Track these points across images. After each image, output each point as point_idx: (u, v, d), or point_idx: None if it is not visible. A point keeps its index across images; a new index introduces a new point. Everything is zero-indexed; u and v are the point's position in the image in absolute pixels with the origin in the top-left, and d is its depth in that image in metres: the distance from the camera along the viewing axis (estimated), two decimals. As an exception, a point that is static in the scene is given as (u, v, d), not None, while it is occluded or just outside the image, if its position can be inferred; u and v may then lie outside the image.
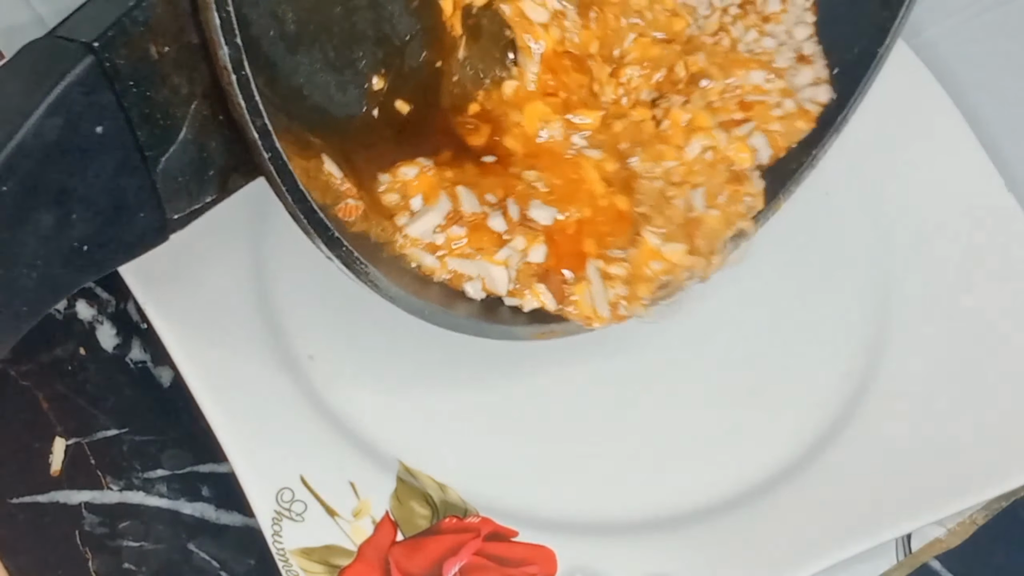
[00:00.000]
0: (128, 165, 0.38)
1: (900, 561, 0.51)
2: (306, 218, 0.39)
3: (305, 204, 0.39)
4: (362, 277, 0.42)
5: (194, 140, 0.39)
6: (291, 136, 0.40)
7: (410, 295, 0.43)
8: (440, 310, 0.44)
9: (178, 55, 0.37)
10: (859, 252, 0.56)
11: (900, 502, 0.48)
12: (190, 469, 0.51)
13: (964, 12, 0.65)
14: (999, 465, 0.49)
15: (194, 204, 0.41)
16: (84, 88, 0.36)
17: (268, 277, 0.52)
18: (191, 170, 0.40)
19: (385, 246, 0.44)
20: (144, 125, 0.38)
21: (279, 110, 0.39)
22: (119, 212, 0.38)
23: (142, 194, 0.39)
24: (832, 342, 0.54)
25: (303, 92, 0.41)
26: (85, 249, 0.38)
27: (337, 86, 0.42)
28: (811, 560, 0.47)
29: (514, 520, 0.48)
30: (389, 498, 0.47)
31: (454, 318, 0.45)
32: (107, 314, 0.54)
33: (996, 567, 0.51)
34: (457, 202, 0.45)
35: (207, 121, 0.39)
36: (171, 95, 0.38)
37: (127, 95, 0.37)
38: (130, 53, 0.36)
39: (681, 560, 0.47)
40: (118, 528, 0.49)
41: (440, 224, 0.45)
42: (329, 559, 0.45)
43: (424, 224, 0.44)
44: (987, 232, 0.55)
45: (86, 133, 0.36)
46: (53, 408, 0.51)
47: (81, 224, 0.37)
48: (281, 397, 0.49)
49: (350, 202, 0.43)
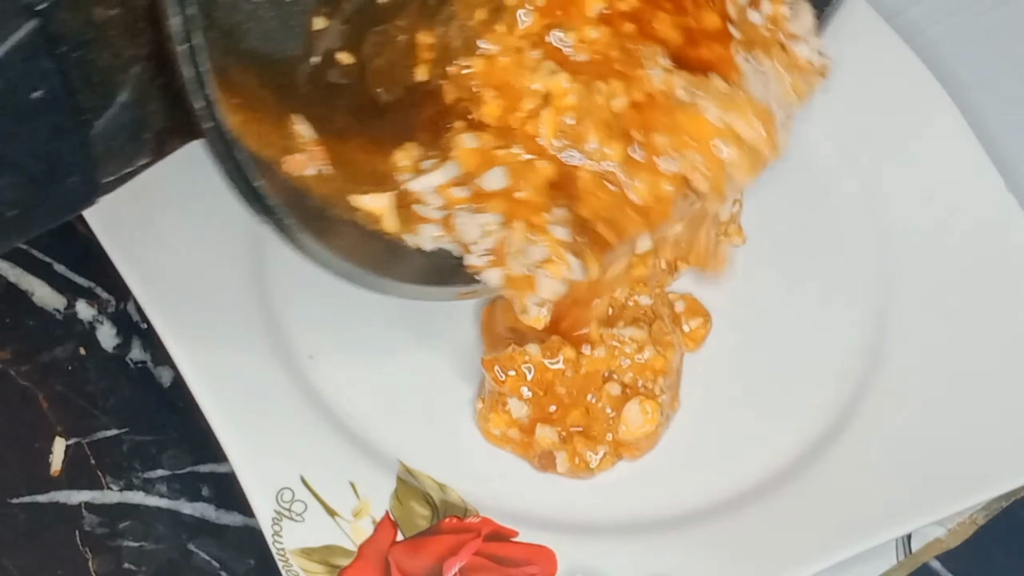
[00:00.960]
0: (62, 129, 0.36)
1: (900, 561, 0.51)
2: (243, 192, 0.39)
3: (243, 180, 0.38)
4: (294, 244, 0.41)
5: (133, 103, 0.37)
6: (237, 95, 0.39)
7: (343, 260, 0.42)
8: (367, 274, 0.43)
9: (123, 17, 0.36)
10: (859, 252, 0.56)
11: (900, 502, 0.48)
12: (190, 469, 0.51)
13: (964, 12, 0.65)
14: (999, 465, 0.49)
15: (127, 167, 0.39)
16: (23, 53, 0.34)
17: (268, 277, 0.52)
18: (127, 133, 0.38)
19: (332, 208, 0.43)
20: (83, 89, 0.36)
21: (225, 53, 0.38)
22: (49, 177, 0.37)
23: (74, 158, 0.37)
24: (832, 342, 0.54)
25: (245, 32, 0.40)
26: (10, 215, 0.36)
27: (280, 24, 0.41)
28: (811, 560, 0.46)
29: (514, 520, 0.48)
30: (389, 498, 0.47)
31: (381, 280, 0.44)
32: (107, 314, 0.54)
33: (996, 567, 0.51)
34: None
35: (147, 84, 0.37)
36: (113, 58, 0.36)
37: (67, 59, 0.35)
38: (74, 16, 0.35)
39: (681, 560, 0.47)
40: (118, 528, 0.49)
41: (443, 184, 0.44)
42: (329, 559, 0.45)
43: (428, 181, 0.44)
44: (987, 232, 0.55)
45: (21, 99, 0.34)
46: (53, 408, 0.51)
47: (8, 190, 0.36)
48: (281, 397, 0.49)
49: (298, 156, 0.42)
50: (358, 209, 0.43)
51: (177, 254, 0.50)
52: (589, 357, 0.49)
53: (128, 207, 0.50)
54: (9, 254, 0.54)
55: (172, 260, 0.50)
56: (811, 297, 0.55)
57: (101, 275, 0.53)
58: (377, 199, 0.43)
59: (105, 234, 0.50)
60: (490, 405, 0.49)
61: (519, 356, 0.49)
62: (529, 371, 0.49)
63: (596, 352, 0.49)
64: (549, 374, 0.49)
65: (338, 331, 0.52)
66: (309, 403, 0.49)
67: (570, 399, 0.49)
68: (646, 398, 0.49)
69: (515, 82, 0.46)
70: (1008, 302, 0.53)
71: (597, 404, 0.49)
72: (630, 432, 0.49)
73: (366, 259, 0.43)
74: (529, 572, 0.46)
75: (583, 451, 0.49)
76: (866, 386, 0.52)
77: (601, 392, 0.49)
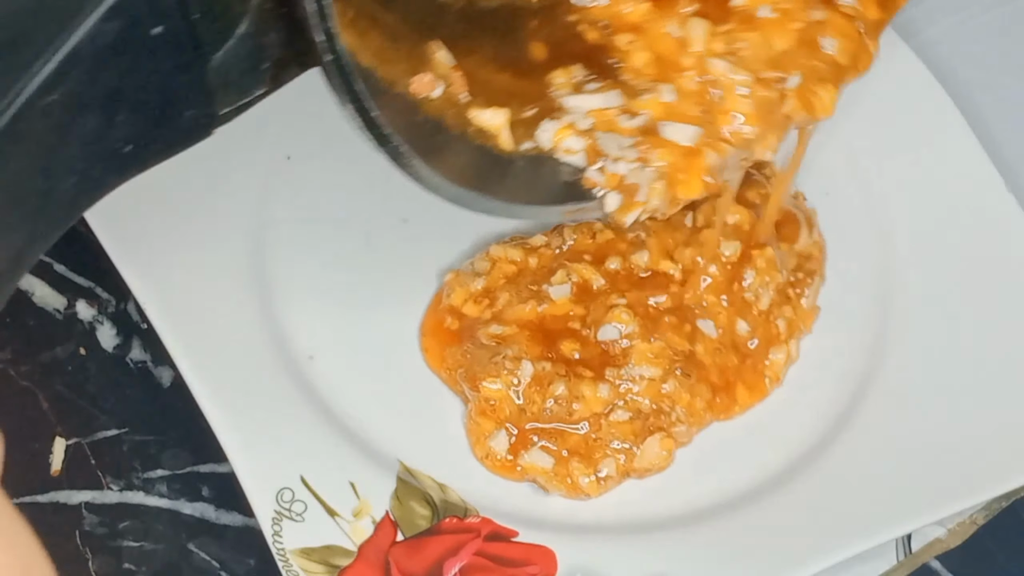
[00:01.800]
0: (182, 63, 0.36)
1: (900, 561, 0.51)
2: (364, 121, 0.39)
3: (361, 111, 0.39)
4: (408, 170, 0.41)
5: (253, 34, 0.37)
6: (360, 20, 0.39)
7: (449, 183, 0.43)
8: (477, 195, 0.44)
9: None
10: (859, 252, 0.56)
11: (900, 502, 0.48)
12: (190, 469, 0.51)
13: (964, 12, 0.65)
14: (999, 465, 0.49)
15: (244, 98, 0.39)
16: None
17: (268, 277, 0.52)
18: (246, 64, 0.38)
19: (444, 127, 0.43)
20: (203, 22, 0.36)
21: None
22: (167, 110, 0.37)
23: (193, 91, 0.37)
24: (832, 342, 0.53)
25: None
26: (128, 150, 0.36)
27: None
28: (811, 560, 0.47)
29: (514, 520, 0.48)
30: (389, 498, 0.47)
31: (490, 201, 0.44)
32: (107, 314, 0.54)
33: (996, 567, 0.51)
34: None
35: (268, 14, 0.37)
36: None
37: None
38: None
39: (681, 560, 0.47)
40: (118, 528, 0.49)
41: (602, 108, 0.45)
42: (329, 559, 0.45)
43: (589, 102, 0.45)
44: (987, 232, 0.55)
45: (143, 35, 0.34)
46: (53, 408, 0.51)
47: (126, 126, 0.36)
48: (281, 397, 0.49)
49: (426, 78, 0.42)
50: (473, 126, 0.43)
51: (177, 254, 0.50)
52: (587, 398, 0.49)
53: (129, 207, 0.50)
54: (9, 254, 0.54)
55: (172, 260, 0.50)
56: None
57: (101, 275, 0.53)
58: (496, 114, 0.44)
59: (105, 234, 0.50)
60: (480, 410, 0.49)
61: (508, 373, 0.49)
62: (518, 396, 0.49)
63: (599, 390, 0.49)
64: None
65: (338, 331, 0.52)
66: (309, 403, 0.49)
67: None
68: (667, 435, 0.49)
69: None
70: (1008, 302, 0.53)
71: (599, 433, 0.49)
72: (644, 461, 0.49)
73: (475, 181, 0.43)
74: (529, 572, 0.46)
75: (577, 475, 0.49)
76: (866, 386, 0.52)
77: (602, 423, 0.49)
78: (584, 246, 0.52)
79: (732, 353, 0.51)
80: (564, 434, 0.49)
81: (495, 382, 0.49)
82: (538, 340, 0.50)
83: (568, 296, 0.51)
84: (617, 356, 0.50)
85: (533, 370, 0.49)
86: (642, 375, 0.49)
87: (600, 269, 0.51)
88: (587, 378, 0.49)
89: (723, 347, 0.51)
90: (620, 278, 0.51)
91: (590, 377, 0.49)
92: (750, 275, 0.51)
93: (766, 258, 0.51)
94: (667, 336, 0.50)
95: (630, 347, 0.49)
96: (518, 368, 0.49)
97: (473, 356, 0.50)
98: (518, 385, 0.49)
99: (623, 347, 0.50)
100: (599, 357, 0.50)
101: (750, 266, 0.51)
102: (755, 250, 0.52)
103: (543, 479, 0.48)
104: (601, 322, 0.50)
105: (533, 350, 0.49)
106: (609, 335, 0.50)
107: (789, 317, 0.52)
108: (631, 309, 0.50)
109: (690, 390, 0.49)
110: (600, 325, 0.50)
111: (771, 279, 0.51)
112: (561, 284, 0.51)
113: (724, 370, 0.51)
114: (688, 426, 0.50)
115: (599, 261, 0.52)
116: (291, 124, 0.54)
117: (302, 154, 0.55)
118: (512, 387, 0.49)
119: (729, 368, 0.51)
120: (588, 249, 0.52)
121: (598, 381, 0.49)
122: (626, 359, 0.49)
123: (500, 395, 0.49)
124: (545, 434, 0.49)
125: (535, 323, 0.50)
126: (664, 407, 0.49)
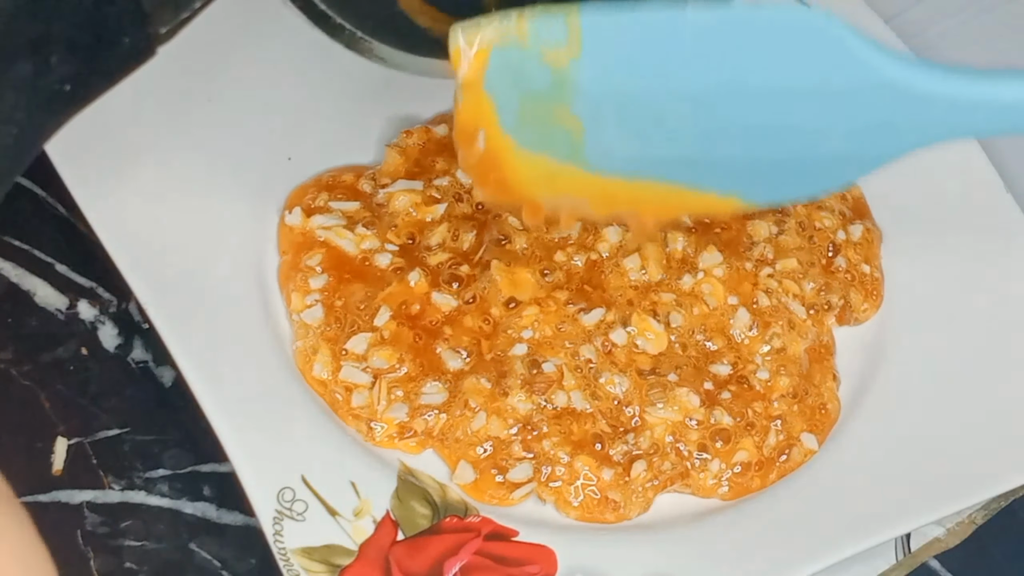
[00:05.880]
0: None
1: (899, 561, 0.51)
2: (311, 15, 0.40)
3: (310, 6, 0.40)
4: (367, 55, 0.42)
5: None
6: None
7: (416, 57, 0.43)
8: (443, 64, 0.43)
9: None
10: (859, 252, 0.56)
11: (900, 502, 0.48)
12: (191, 469, 0.51)
13: (964, 12, 0.65)
14: (999, 465, 0.49)
15: (183, 12, 0.37)
16: None
17: (269, 277, 0.52)
18: None
19: None
20: None
21: None
22: (102, 42, 0.35)
23: (125, 17, 0.35)
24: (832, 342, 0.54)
25: None
26: (67, 88, 0.35)
27: None
28: (811, 560, 0.47)
29: (514, 520, 0.48)
30: (390, 497, 0.47)
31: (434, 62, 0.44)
32: (109, 314, 0.54)
33: (995, 567, 0.52)
34: None
35: None
36: None
37: None
38: None
39: (681, 560, 0.47)
40: (120, 527, 0.49)
41: None
42: (330, 558, 0.45)
43: None
44: (987, 232, 0.55)
45: None
46: (55, 408, 0.51)
47: (61, 66, 0.34)
48: (282, 397, 0.49)
49: None
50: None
51: (178, 254, 0.50)
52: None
53: (129, 207, 0.50)
54: (11, 254, 0.54)
55: (173, 260, 0.50)
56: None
57: (103, 275, 0.53)
58: None
59: (107, 234, 0.50)
60: None
61: None
62: None
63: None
64: None
65: (339, 331, 0.52)
66: (310, 403, 0.49)
67: None
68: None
69: None
70: (1007, 302, 0.53)
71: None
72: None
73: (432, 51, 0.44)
74: (529, 572, 0.46)
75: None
76: (866, 386, 0.52)
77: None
78: None
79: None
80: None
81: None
82: None
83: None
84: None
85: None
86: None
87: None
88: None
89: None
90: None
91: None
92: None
93: None
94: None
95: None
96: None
97: None
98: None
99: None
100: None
101: None
102: None
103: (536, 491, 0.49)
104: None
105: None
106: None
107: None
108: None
109: None
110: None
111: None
112: None
113: None
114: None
115: None
116: (291, 124, 0.55)
117: (302, 154, 0.55)
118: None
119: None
120: None
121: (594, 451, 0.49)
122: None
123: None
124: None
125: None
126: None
